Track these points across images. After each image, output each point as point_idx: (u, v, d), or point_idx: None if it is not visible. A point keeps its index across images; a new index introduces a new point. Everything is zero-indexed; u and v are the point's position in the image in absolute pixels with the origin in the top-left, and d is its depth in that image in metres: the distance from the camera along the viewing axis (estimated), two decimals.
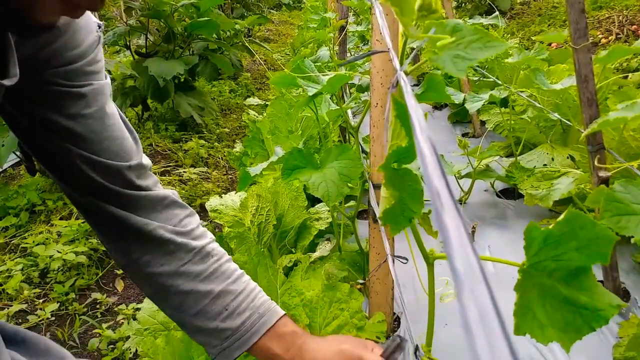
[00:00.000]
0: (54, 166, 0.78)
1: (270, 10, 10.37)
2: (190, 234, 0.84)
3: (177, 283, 0.81)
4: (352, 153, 1.31)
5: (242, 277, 0.86)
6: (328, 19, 3.33)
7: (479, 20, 3.54)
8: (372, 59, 1.27)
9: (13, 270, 2.08)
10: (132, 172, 0.79)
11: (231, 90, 4.87)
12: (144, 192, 0.81)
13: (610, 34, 4.40)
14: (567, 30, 1.39)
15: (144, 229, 0.80)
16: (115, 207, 0.79)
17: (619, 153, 1.62)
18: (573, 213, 0.52)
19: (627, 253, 1.84)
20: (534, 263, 0.55)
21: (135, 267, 0.83)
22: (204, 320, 0.81)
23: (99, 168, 0.76)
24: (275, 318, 0.83)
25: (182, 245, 0.82)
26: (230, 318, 0.81)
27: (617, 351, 1.36)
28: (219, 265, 0.84)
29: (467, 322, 0.23)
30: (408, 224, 0.65)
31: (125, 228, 0.80)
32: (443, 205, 0.31)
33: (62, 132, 0.72)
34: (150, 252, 0.81)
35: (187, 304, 0.81)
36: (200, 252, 0.83)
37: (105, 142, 0.76)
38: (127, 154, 0.79)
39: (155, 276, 0.81)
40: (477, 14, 5.84)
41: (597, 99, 1.40)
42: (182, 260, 0.81)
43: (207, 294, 0.81)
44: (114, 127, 0.77)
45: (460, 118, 3.51)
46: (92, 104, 0.74)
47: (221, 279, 0.83)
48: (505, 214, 2.32)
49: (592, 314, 0.53)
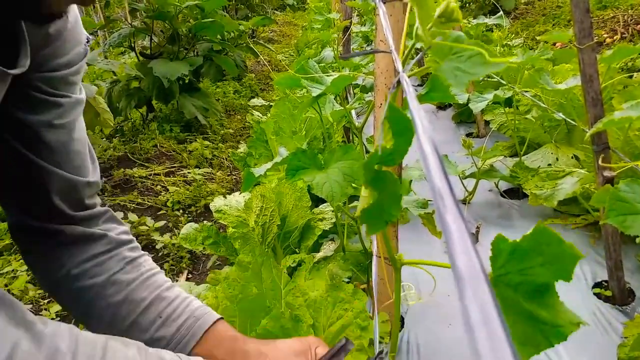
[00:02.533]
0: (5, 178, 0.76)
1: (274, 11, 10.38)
2: (126, 244, 0.84)
3: (109, 293, 0.78)
4: (356, 153, 1.31)
5: (175, 286, 0.84)
6: (332, 20, 3.33)
7: (484, 20, 3.54)
8: (376, 60, 1.27)
9: (18, 271, 2.10)
10: (88, 189, 0.80)
11: (235, 91, 4.88)
12: (89, 211, 0.82)
13: (615, 34, 4.39)
14: (572, 29, 1.39)
15: (84, 233, 0.79)
16: (55, 224, 0.78)
17: (623, 152, 1.62)
18: (540, 228, 0.52)
19: (632, 253, 1.83)
20: (500, 275, 0.55)
21: (65, 285, 0.79)
22: (138, 333, 0.77)
23: (57, 182, 0.74)
24: (212, 319, 0.79)
25: (114, 254, 0.81)
26: (165, 325, 0.77)
27: (622, 351, 1.36)
28: (151, 274, 0.82)
29: (469, 323, 0.23)
30: (384, 226, 0.65)
31: (61, 239, 0.79)
32: (445, 206, 0.31)
33: (30, 137, 0.71)
34: (81, 264, 0.78)
35: (120, 316, 0.77)
36: (132, 262, 0.82)
37: (70, 154, 0.75)
38: (86, 170, 0.79)
39: (86, 290, 0.78)
40: (481, 14, 5.82)
41: (602, 99, 1.39)
42: (113, 270, 0.79)
43: (140, 302, 0.78)
44: (79, 142, 0.77)
45: (464, 118, 3.50)
46: (66, 115, 0.73)
47: (154, 287, 0.81)
48: (509, 214, 2.32)
49: (552, 329, 0.53)
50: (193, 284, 1.46)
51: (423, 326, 1.64)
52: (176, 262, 2.23)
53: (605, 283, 1.72)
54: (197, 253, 2.29)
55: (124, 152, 3.37)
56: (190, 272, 2.19)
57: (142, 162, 3.27)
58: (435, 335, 1.60)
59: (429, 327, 1.63)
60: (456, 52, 0.54)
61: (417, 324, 1.65)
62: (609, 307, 1.63)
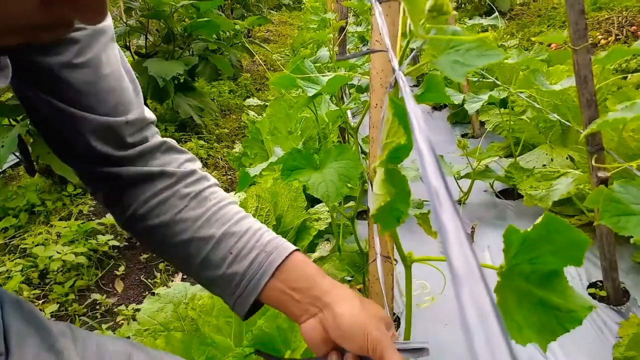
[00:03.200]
0: (41, 125, 0.73)
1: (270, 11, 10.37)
2: (188, 177, 0.79)
3: (176, 232, 0.75)
4: (352, 154, 1.31)
5: (246, 218, 0.79)
6: (328, 20, 3.33)
7: (479, 21, 3.55)
8: (372, 60, 1.27)
9: (13, 271, 2.09)
10: (130, 127, 0.74)
11: (231, 90, 4.87)
12: (139, 147, 0.77)
13: (610, 35, 4.41)
14: (567, 31, 1.39)
15: (141, 172, 0.76)
16: (108, 167, 0.75)
17: (618, 154, 1.62)
18: (549, 217, 0.53)
19: (626, 253, 1.84)
20: (512, 266, 0.56)
21: (134, 224, 0.78)
22: (211, 269, 0.75)
23: (90, 128, 0.70)
24: (285, 253, 0.75)
25: (176, 190, 0.77)
26: (236, 262, 0.74)
27: (617, 351, 1.36)
28: (218, 209, 0.78)
29: (466, 322, 0.23)
30: (397, 223, 0.65)
31: (121, 182, 0.76)
32: (442, 205, 0.31)
33: (54, 83, 0.67)
34: (145, 203, 0.76)
35: (191, 254, 0.75)
36: (197, 197, 0.78)
37: (100, 94, 0.70)
38: (125, 107, 0.74)
39: (155, 229, 0.76)
40: (477, 14, 5.84)
41: (596, 100, 1.40)
42: (177, 208, 0.76)
43: (209, 239, 0.75)
44: (111, 77, 0.71)
45: (460, 119, 3.51)
46: (86, 51, 0.67)
47: (221, 222, 0.76)
48: (504, 214, 2.33)
49: (566, 315, 0.54)
50: (188, 284, 1.45)
51: (419, 326, 1.64)
52: None
53: (600, 283, 1.73)
54: None
55: None
56: None
57: None
58: (431, 335, 1.60)
59: (425, 328, 1.64)
60: (454, 45, 0.54)
61: (413, 324, 1.65)
62: (604, 307, 1.64)
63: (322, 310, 0.71)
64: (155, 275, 2.12)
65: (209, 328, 1.22)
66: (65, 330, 0.56)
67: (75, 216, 2.51)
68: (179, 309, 1.33)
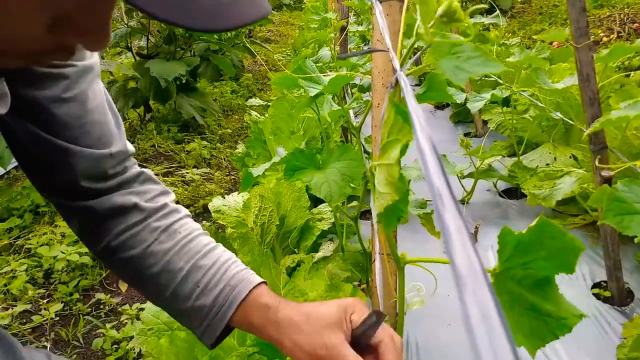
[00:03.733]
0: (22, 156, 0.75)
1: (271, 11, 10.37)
2: (160, 210, 0.81)
3: (147, 265, 0.77)
4: (354, 153, 1.31)
5: (214, 250, 0.81)
6: (329, 20, 3.33)
7: (480, 20, 3.54)
8: (374, 60, 1.27)
9: (17, 270, 2.09)
10: (112, 160, 0.77)
11: (233, 91, 4.87)
12: (119, 178, 0.79)
13: (612, 33, 4.40)
14: (569, 29, 1.39)
15: (114, 206, 0.78)
16: (82, 201, 0.77)
17: (621, 152, 1.62)
18: (543, 221, 0.53)
19: (630, 253, 1.83)
20: (505, 269, 0.56)
21: (107, 256, 0.80)
22: (180, 302, 0.77)
23: (73, 160, 0.72)
24: (249, 287, 0.77)
25: (147, 224, 0.79)
26: (203, 294, 0.76)
27: (621, 352, 1.36)
28: (187, 242, 0.80)
29: (469, 322, 0.23)
30: (397, 222, 0.66)
31: (95, 214, 0.78)
32: (444, 205, 0.31)
33: (42, 115, 0.68)
34: (118, 236, 0.78)
35: (161, 286, 0.78)
36: (167, 230, 0.80)
37: (85, 127, 0.72)
38: (108, 140, 0.76)
39: (127, 261, 0.78)
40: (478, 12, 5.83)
41: (599, 98, 1.40)
42: (148, 241, 0.78)
43: (177, 272, 0.77)
44: (96, 111, 0.73)
45: (462, 118, 3.50)
46: (74, 87, 0.70)
47: (189, 255, 0.78)
48: (508, 213, 2.32)
49: (557, 322, 0.54)
50: None
51: (422, 326, 1.64)
52: None
53: (604, 283, 1.72)
54: None
55: None
56: None
57: (140, 162, 3.26)
58: (434, 335, 1.60)
59: (428, 328, 1.63)
60: (455, 52, 0.54)
61: (415, 324, 1.65)
62: (608, 307, 1.63)
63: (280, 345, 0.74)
64: None
65: None
66: None
67: None
68: None
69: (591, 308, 1.63)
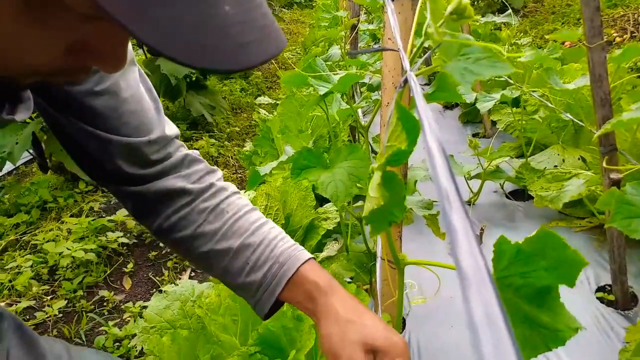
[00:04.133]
0: (70, 147, 0.79)
1: (282, 9, 10.38)
2: (206, 191, 0.84)
3: (197, 245, 0.81)
4: (362, 153, 1.30)
5: (262, 227, 0.83)
6: (339, 18, 3.32)
7: (492, 19, 3.52)
8: (384, 58, 1.27)
9: (23, 266, 2.11)
10: (153, 146, 0.79)
11: (242, 89, 4.88)
12: (161, 165, 0.81)
13: (625, 33, 4.35)
14: (581, 28, 1.38)
15: (162, 191, 0.81)
16: (132, 186, 0.80)
17: (631, 154, 1.60)
18: (545, 232, 0.52)
19: (636, 257, 1.81)
20: (502, 277, 0.55)
21: (162, 236, 0.85)
22: (232, 277, 0.81)
23: (116, 149, 0.75)
24: (297, 264, 0.79)
25: (195, 206, 0.82)
26: (253, 272, 0.79)
27: (624, 356, 1.34)
28: (234, 221, 0.82)
29: (473, 323, 0.23)
30: (388, 227, 0.66)
31: (145, 199, 0.82)
32: (451, 206, 0.31)
33: (78, 108, 0.71)
34: (168, 218, 0.82)
35: (213, 264, 0.82)
36: (214, 211, 0.83)
37: (122, 117, 0.74)
38: (147, 127, 0.78)
39: (179, 242, 0.83)
40: (489, 12, 5.80)
41: (610, 99, 1.38)
42: (197, 223, 0.81)
43: (226, 251, 0.80)
44: (131, 100, 0.75)
45: (471, 118, 3.48)
46: (105, 79, 0.72)
47: (238, 234, 0.81)
48: (514, 215, 2.31)
49: (551, 334, 0.54)
50: (196, 282, 1.46)
51: (425, 328, 1.64)
52: (180, 259, 2.23)
53: (609, 287, 1.71)
54: None
55: None
56: (193, 270, 2.19)
57: None
58: (437, 337, 1.59)
59: (431, 329, 1.63)
60: (464, 53, 0.54)
61: (418, 325, 1.65)
62: (612, 311, 1.62)
63: (317, 324, 0.76)
64: (163, 272, 2.13)
65: (215, 326, 1.22)
66: (62, 353, 0.59)
67: (86, 213, 2.53)
68: (186, 306, 1.34)
69: (594, 312, 1.62)
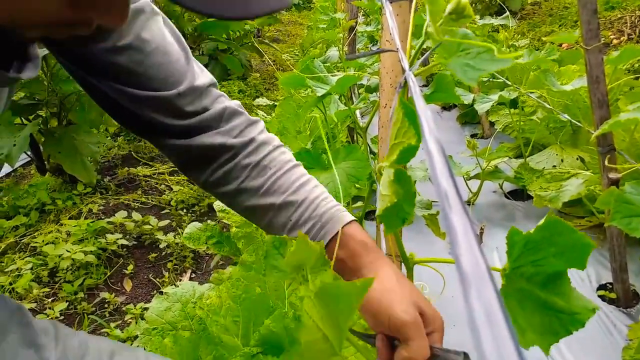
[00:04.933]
0: (106, 105, 0.79)
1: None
2: (247, 146, 0.83)
3: (241, 200, 0.83)
4: (360, 154, 1.31)
5: (305, 186, 0.84)
6: (337, 20, 3.33)
7: (490, 21, 3.53)
8: (382, 60, 1.27)
9: (23, 269, 2.10)
10: (183, 98, 0.78)
11: (240, 90, 4.88)
12: (199, 117, 0.80)
13: (622, 35, 4.37)
14: (579, 30, 1.38)
15: (203, 146, 0.81)
16: (173, 139, 0.80)
17: (629, 154, 1.61)
18: (552, 219, 0.53)
19: (636, 255, 1.82)
20: (515, 268, 0.56)
21: (209, 189, 0.87)
22: (276, 231, 0.83)
23: (147, 104, 0.75)
24: (338, 226, 0.79)
25: (238, 161, 0.82)
26: (295, 228, 0.81)
27: (627, 353, 1.35)
28: (277, 178, 0.83)
29: (474, 322, 0.23)
30: (401, 224, 0.66)
31: (188, 153, 0.82)
32: (451, 206, 0.31)
33: (104, 67, 0.71)
34: (213, 174, 0.83)
35: (257, 218, 0.84)
36: (257, 167, 0.83)
37: (149, 71, 0.74)
38: (176, 79, 0.77)
39: (224, 196, 0.85)
40: (487, 14, 5.81)
41: (608, 100, 1.39)
42: (240, 178, 0.82)
43: (269, 207, 0.81)
44: (156, 53, 0.74)
45: (469, 119, 3.49)
46: (126, 33, 0.70)
47: (280, 191, 0.82)
48: (513, 215, 2.31)
49: (569, 317, 0.54)
50: (196, 283, 1.45)
51: None
52: (180, 261, 2.23)
53: (610, 285, 1.71)
54: (201, 252, 2.29)
55: (128, 151, 3.38)
56: (193, 271, 2.19)
57: (147, 161, 3.28)
58: None
59: None
60: (464, 49, 0.54)
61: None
62: (614, 309, 1.62)
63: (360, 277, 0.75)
64: (164, 274, 2.13)
65: (217, 327, 1.22)
66: (49, 327, 0.58)
67: (85, 215, 2.53)
68: (187, 308, 1.34)
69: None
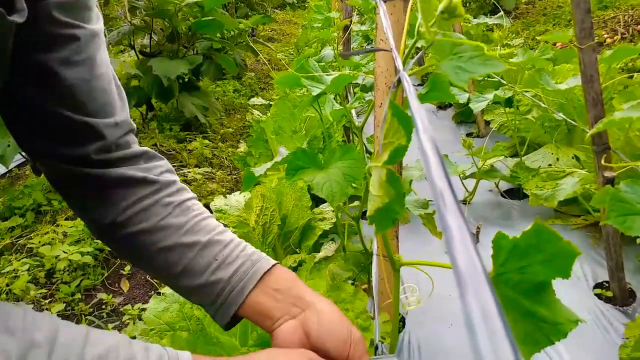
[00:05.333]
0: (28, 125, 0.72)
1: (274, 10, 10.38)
2: (170, 186, 0.79)
3: (158, 239, 0.75)
4: (356, 153, 1.31)
5: (228, 231, 0.80)
6: (332, 19, 3.33)
7: (484, 20, 3.54)
8: (377, 59, 1.27)
9: (19, 270, 2.10)
10: (117, 130, 0.75)
11: (235, 90, 4.87)
12: (123, 152, 0.77)
13: (616, 34, 4.38)
14: (572, 29, 1.39)
15: (123, 176, 0.75)
16: (90, 169, 0.74)
17: (624, 153, 1.62)
18: (540, 225, 0.52)
19: (632, 253, 1.83)
20: (500, 274, 0.55)
21: (112, 232, 0.77)
22: (193, 277, 0.74)
23: (81, 125, 0.71)
24: (271, 263, 0.76)
25: (159, 198, 0.77)
26: (221, 269, 0.74)
27: (624, 352, 1.35)
28: (201, 219, 0.78)
29: (470, 322, 0.23)
30: (392, 224, 0.66)
31: (102, 186, 0.75)
32: (446, 206, 0.31)
33: (49, 79, 0.67)
34: (126, 210, 0.75)
35: (173, 262, 0.75)
36: (180, 206, 0.78)
37: (92, 93, 0.71)
38: (112, 109, 0.74)
39: (135, 236, 0.75)
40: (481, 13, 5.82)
41: (602, 99, 1.39)
42: (160, 215, 0.76)
43: (193, 245, 0.75)
44: (103, 78, 0.73)
45: (465, 118, 3.50)
46: (84, 50, 0.69)
47: (206, 230, 0.76)
48: (509, 214, 2.32)
49: (552, 327, 0.54)
50: None
51: (424, 327, 1.64)
52: None
53: (606, 284, 1.72)
54: None
55: None
56: None
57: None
58: (436, 335, 1.60)
59: (430, 328, 1.63)
60: (457, 52, 0.54)
61: (418, 324, 1.65)
62: (610, 307, 1.63)
63: (304, 310, 0.72)
64: None
65: (215, 328, 1.22)
66: None
67: None
68: (185, 308, 1.33)
69: (593, 308, 1.63)
